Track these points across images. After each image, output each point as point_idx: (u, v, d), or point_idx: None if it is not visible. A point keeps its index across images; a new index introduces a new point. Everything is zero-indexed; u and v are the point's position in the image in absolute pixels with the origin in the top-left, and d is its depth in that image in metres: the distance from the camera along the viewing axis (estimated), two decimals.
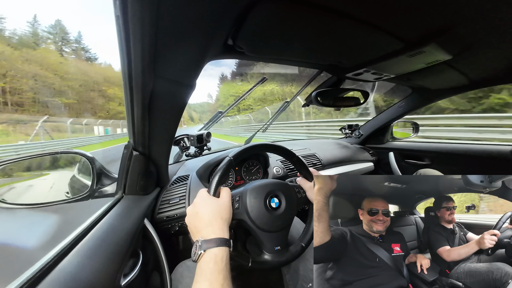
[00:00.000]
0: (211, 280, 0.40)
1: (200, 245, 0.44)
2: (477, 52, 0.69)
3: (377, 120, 1.63)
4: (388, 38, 0.57)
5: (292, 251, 0.60)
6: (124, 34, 0.36)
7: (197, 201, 0.54)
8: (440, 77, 0.97)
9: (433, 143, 1.48)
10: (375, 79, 0.92)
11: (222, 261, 0.43)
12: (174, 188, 0.89)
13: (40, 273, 0.40)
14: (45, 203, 0.67)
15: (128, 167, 0.70)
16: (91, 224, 0.57)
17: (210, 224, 0.48)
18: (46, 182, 0.98)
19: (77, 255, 0.46)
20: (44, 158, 0.79)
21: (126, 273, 0.55)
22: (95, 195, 0.74)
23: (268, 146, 0.73)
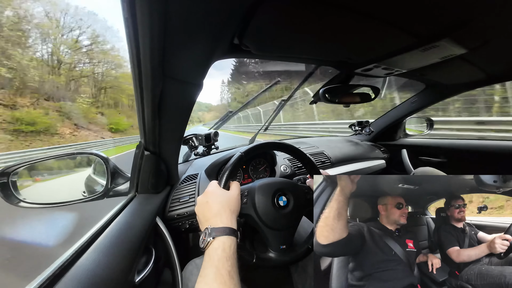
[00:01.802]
0: (218, 267, 0.40)
1: (209, 233, 0.45)
2: (495, 46, 0.65)
3: (389, 117, 1.58)
4: (400, 33, 0.55)
5: (298, 251, 0.60)
6: (133, 35, 0.36)
7: (208, 191, 0.55)
8: (456, 72, 0.93)
9: (447, 140, 1.42)
10: (386, 75, 0.89)
11: (230, 249, 0.43)
12: (184, 187, 0.91)
13: (60, 270, 0.41)
14: (63, 202, 0.70)
15: (140, 166, 0.72)
16: (107, 222, 0.59)
17: (219, 214, 0.49)
18: (65, 181, 1.02)
19: (94, 252, 0.48)
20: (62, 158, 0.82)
21: (140, 270, 0.56)
22: (110, 194, 0.77)
23: (279, 145, 0.73)
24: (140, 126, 0.62)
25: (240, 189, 0.59)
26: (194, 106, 0.62)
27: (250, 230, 0.90)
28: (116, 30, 34.95)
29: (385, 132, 1.63)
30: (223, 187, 0.57)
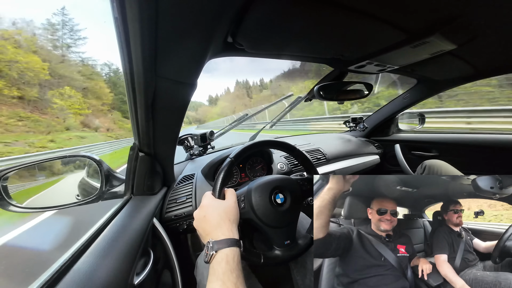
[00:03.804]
0: (224, 280, 0.40)
1: (212, 246, 0.45)
2: (484, 41, 0.67)
3: (382, 113, 1.60)
4: (390, 30, 0.55)
5: (302, 243, 0.61)
6: (124, 35, 0.36)
7: (204, 205, 0.54)
8: (446, 67, 0.95)
9: (440, 134, 1.46)
10: (379, 71, 0.90)
11: (233, 261, 0.43)
12: (181, 187, 0.90)
13: (58, 274, 0.41)
14: (56, 206, 0.68)
15: (134, 168, 0.71)
16: (103, 224, 0.58)
17: (218, 226, 0.49)
18: (57, 185, 1.00)
19: (91, 255, 0.47)
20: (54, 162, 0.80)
21: (139, 272, 0.56)
22: (105, 197, 0.76)
23: (268, 143, 0.73)
24: (133, 127, 0.61)
25: (236, 196, 0.58)
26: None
27: (249, 229, 0.90)
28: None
29: (378, 127, 1.66)
30: (218, 196, 0.56)
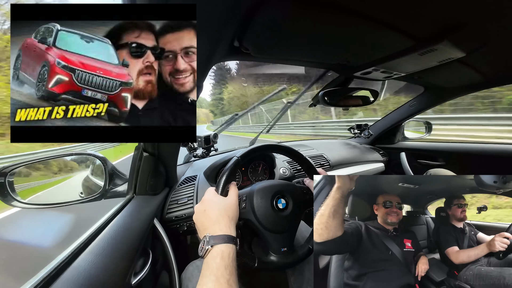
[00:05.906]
0: (217, 275, 0.40)
1: (208, 241, 0.45)
2: (493, 49, 0.66)
3: (388, 120, 1.58)
4: (398, 36, 0.55)
5: (299, 253, 0.59)
6: None
7: (205, 199, 0.55)
8: (454, 75, 0.93)
9: (446, 143, 1.43)
10: (385, 78, 0.90)
11: (228, 258, 0.43)
12: (182, 189, 0.90)
13: (56, 271, 0.41)
14: (60, 203, 0.69)
15: (138, 167, 0.72)
16: (104, 223, 0.59)
17: (217, 222, 0.49)
18: (61, 182, 1.02)
19: (90, 253, 0.47)
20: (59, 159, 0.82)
21: (137, 272, 0.56)
22: (108, 195, 0.76)
23: (275, 147, 0.73)
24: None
25: (238, 195, 0.58)
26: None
27: (249, 233, 0.89)
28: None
29: (383, 135, 1.64)
30: (221, 193, 0.56)
